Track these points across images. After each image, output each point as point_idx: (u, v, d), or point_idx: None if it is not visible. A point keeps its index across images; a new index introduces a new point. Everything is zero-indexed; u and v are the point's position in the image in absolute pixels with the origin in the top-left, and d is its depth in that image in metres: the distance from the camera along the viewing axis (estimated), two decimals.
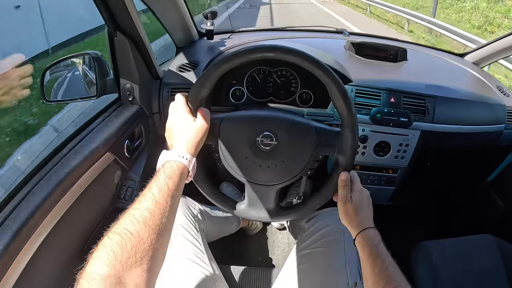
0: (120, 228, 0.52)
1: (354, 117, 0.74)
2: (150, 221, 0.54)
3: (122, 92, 1.11)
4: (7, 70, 0.72)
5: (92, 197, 0.92)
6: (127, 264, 0.48)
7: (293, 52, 0.74)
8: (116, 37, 1.02)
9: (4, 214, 0.69)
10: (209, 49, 1.39)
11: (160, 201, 0.57)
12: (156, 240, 0.53)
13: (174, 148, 0.68)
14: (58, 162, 0.84)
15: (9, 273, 0.65)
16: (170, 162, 0.65)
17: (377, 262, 0.64)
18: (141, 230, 0.52)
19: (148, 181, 0.62)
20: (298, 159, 0.77)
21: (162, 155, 0.67)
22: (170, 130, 0.72)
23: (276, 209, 0.80)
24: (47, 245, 0.75)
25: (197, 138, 0.70)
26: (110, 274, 0.46)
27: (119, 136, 1.00)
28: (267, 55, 0.74)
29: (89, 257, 0.48)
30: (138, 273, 0.49)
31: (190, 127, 0.71)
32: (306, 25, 1.67)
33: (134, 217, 0.54)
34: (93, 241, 0.91)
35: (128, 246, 0.49)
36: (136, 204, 0.56)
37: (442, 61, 1.52)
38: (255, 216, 0.81)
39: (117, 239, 0.50)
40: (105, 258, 0.47)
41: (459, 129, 1.20)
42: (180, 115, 0.72)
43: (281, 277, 0.93)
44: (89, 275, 0.45)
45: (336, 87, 0.73)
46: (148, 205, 0.56)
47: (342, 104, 0.74)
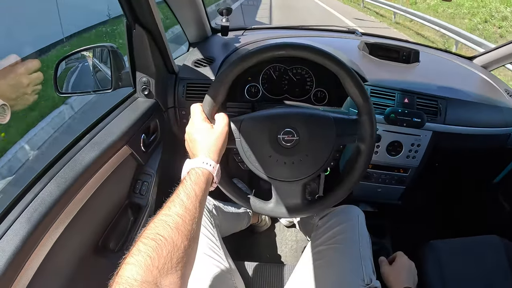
0: (153, 233, 0.51)
1: (370, 103, 0.76)
2: (182, 227, 0.54)
3: (138, 86, 1.11)
4: (15, 66, 0.72)
5: (108, 191, 0.92)
6: (163, 270, 0.48)
7: (303, 48, 0.75)
8: (135, 30, 1.01)
9: (21, 207, 0.69)
10: (224, 45, 1.39)
11: (190, 207, 0.58)
12: (188, 246, 0.54)
13: (197, 156, 0.68)
14: (75, 154, 0.83)
15: (27, 266, 0.65)
16: (195, 169, 0.65)
17: None
18: (174, 236, 0.52)
19: (166, 177, 0.62)
20: (321, 152, 0.78)
21: (186, 163, 0.68)
22: (190, 140, 0.73)
23: (303, 203, 0.82)
24: (64, 239, 0.75)
25: (218, 144, 0.71)
26: (148, 280, 0.46)
27: (135, 130, 1.00)
28: (277, 53, 0.75)
29: (122, 261, 0.48)
30: (174, 279, 0.49)
31: (209, 135, 0.71)
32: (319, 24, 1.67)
33: (166, 223, 0.53)
34: (108, 235, 0.93)
35: (164, 252, 0.49)
36: (165, 210, 0.56)
37: (452, 63, 1.53)
38: (284, 213, 0.82)
39: (152, 245, 0.49)
40: (142, 263, 0.47)
41: (470, 131, 1.21)
42: (198, 124, 0.73)
43: (296, 273, 0.94)
44: (126, 281, 0.45)
45: (349, 75, 0.75)
46: (178, 211, 0.56)
47: (356, 92, 0.75)
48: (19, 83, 0.73)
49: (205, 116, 0.74)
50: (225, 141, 0.73)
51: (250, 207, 0.83)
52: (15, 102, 0.72)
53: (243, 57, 0.75)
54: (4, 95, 0.70)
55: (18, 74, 0.72)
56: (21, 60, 0.74)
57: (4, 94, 0.70)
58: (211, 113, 0.75)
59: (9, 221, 0.66)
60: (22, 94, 0.73)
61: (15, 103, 0.72)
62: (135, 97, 1.12)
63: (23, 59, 0.74)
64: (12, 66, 0.72)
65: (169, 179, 1.15)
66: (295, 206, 0.82)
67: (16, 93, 0.72)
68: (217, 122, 0.74)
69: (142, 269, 0.46)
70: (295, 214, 0.84)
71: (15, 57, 0.73)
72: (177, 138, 1.25)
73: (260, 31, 1.64)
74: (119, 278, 0.45)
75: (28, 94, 0.74)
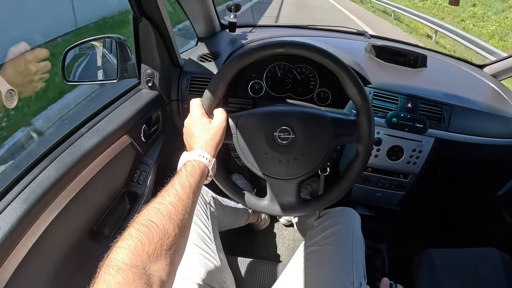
0: (146, 219, 0.52)
1: (369, 104, 0.76)
2: (174, 216, 0.55)
3: (142, 77, 1.12)
4: (28, 63, 0.74)
5: (105, 179, 0.94)
6: (153, 255, 0.49)
7: (302, 46, 0.75)
8: (141, 22, 1.03)
9: (20, 188, 0.71)
10: (231, 41, 1.40)
11: (183, 197, 0.59)
12: (179, 235, 0.54)
13: (194, 149, 0.69)
14: (75, 141, 0.85)
15: (21, 244, 0.67)
16: (191, 161, 0.66)
17: None
18: (166, 223, 0.53)
19: (164, 167, 0.63)
20: (317, 151, 0.78)
21: (183, 155, 0.69)
22: (188, 134, 0.74)
23: (298, 202, 0.82)
24: (59, 222, 0.76)
25: (215, 139, 0.71)
26: (137, 264, 0.46)
27: (136, 120, 1.02)
28: (277, 51, 0.76)
29: (113, 245, 0.49)
30: (162, 266, 0.49)
31: (207, 129, 0.72)
32: (328, 25, 1.67)
33: (158, 211, 0.54)
34: (104, 222, 0.94)
35: (155, 238, 0.50)
36: (159, 199, 0.57)
37: (461, 70, 1.51)
38: (278, 210, 0.82)
39: (144, 230, 0.50)
40: (132, 247, 0.48)
41: (473, 139, 1.19)
42: (196, 118, 0.74)
43: (287, 271, 0.94)
44: (115, 264, 0.45)
45: (348, 75, 0.75)
46: (172, 200, 0.57)
47: (355, 92, 0.75)
48: (27, 70, 0.75)
49: (204, 110, 0.75)
50: (222, 136, 0.74)
51: (244, 203, 0.84)
52: (22, 89, 0.75)
53: (243, 54, 0.75)
54: (12, 81, 0.71)
55: (27, 61, 0.74)
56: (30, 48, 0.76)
57: (12, 80, 0.72)
58: (210, 108, 0.76)
59: (7, 200, 0.68)
60: (30, 81, 0.76)
61: (22, 89, 0.75)
62: (139, 88, 1.14)
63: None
64: (21, 53, 0.74)
65: (167, 170, 1.15)
66: (289, 205, 0.82)
67: (24, 80, 0.75)
68: (215, 117, 0.75)
69: (132, 253, 0.47)
70: (289, 213, 0.84)
71: (25, 45, 0.76)
72: (178, 131, 1.24)
73: (268, 28, 1.65)
74: (109, 261, 0.46)
75: (36, 81, 0.77)
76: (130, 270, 0.45)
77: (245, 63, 0.76)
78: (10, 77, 0.72)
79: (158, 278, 0.48)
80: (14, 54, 0.74)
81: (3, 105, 0.70)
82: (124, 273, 0.44)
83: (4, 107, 0.71)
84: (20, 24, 3.43)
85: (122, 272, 0.44)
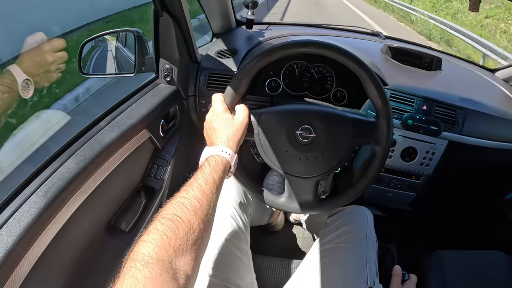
0: (171, 214, 0.52)
1: (389, 107, 0.77)
2: (199, 210, 0.55)
3: (160, 72, 1.12)
4: (45, 53, 0.74)
5: (124, 172, 0.94)
6: (179, 250, 0.49)
7: (327, 46, 0.76)
8: (162, 16, 1.03)
9: (39, 181, 0.71)
10: (248, 38, 1.40)
11: (207, 192, 0.59)
12: (203, 230, 0.55)
13: (216, 144, 0.70)
14: (95, 134, 0.85)
15: (41, 237, 0.67)
16: (214, 156, 0.67)
17: None
18: (191, 218, 0.53)
19: (181, 163, 0.63)
20: (336, 150, 0.78)
21: (205, 150, 0.69)
22: (210, 128, 0.74)
23: (315, 200, 0.83)
24: (78, 215, 0.77)
25: (237, 135, 0.72)
26: (163, 258, 0.46)
27: (155, 115, 1.02)
28: (301, 50, 0.76)
29: (138, 239, 0.49)
30: (188, 260, 0.50)
31: (229, 125, 0.72)
32: (343, 24, 1.67)
33: (184, 205, 0.54)
34: (120, 216, 0.95)
35: (181, 233, 0.50)
36: (183, 193, 0.57)
37: (474, 74, 1.51)
38: (295, 208, 0.83)
39: (170, 224, 0.50)
40: (159, 241, 0.48)
41: (486, 143, 1.19)
42: (219, 114, 0.74)
43: (302, 269, 0.95)
44: (142, 258, 0.45)
45: (370, 77, 0.75)
46: (196, 195, 0.57)
47: (376, 94, 0.76)
48: (44, 60, 0.75)
49: (226, 106, 0.76)
50: (244, 133, 0.75)
51: (262, 200, 0.84)
52: (38, 79, 0.75)
53: (268, 51, 0.76)
54: (29, 71, 0.72)
55: (44, 51, 0.75)
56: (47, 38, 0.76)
57: (29, 70, 0.72)
58: (232, 104, 0.76)
59: (26, 194, 0.68)
60: (46, 71, 0.76)
61: (38, 79, 0.75)
62: (156, 83, 1.14)
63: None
64: (38, 43, 0.75)
65: (184, 166, 1.16)
66: (306, 202, 0.83)
67: (40, 70, 0.75)
68: (237, 113, 0.75)
69: (159, 247, 0.47)
70: (305, 210, 0.85)
71: (42, 35, 0.76)
72: (195, 126, 1.27)
73: (285, 26, 1.65)
74: (135, 255, 0.46)
75: (52, 71, 0.77)
76: (157, 264, 0.45)
77: (268, 60, 0.76)
78: (27, 67, 0.72)
79: (184, 272, 0.48)
80: (31, 44, 0.74)
81: (19, 95, 0.71)
82: (151, 267, 0.45)
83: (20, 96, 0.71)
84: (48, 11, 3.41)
85: (149, 266, 0.45)
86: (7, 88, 0.68)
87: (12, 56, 1.86)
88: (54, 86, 2.82)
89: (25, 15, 3.11)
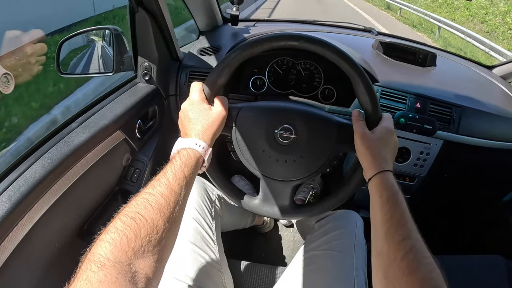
0: (134, 212, 0.48)
1: (379, 113, 0.71)
2: (165, 209, 0.51)
3: (139, 71, 1.09)
4: (24, 45, 0.71)
5: (97, 176, 0.90)
6: (139, 251, 0.45)
7: (319, 43, 0.70)
8: (138, 12, 0.99)
9: (4, 186, 0.68)
10: (233, 35, 1.36)
11: (175, 189, 0.55)
12: (169, 229, 0.51)
13: (190, 136, 0.65)
14: (65, 136, 0.82)
15: (3, 246, 0.64)
16: (186, 149, 0.62)
17: (395, 211, 0.56)
18: (155, 217, 0.49)
19: (160, 165, 0.60)
20: (318, 155, 0.73)
21: (177, 142, 0.65)
22: (185, 118, 0.69)
23: (291, 206, 0.78)
24: (46, 220, 0.74)
25: (213, 128, 0.67)
26: (121, 260, 0.43)
27: (131, 115, 0.98)
28: (291, 43, 0.71)
29: (97, 237, 0.45)
30: (149, 262, 0.46)
31: (206, 116, 0.68)
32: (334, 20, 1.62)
33: (148, 203, 0.50)
34: (94, 221, 0.90)
35: (142, 233, 0.46)
36: (149, 189, 0.53)
37: (470, 71, 1.46)
38: (269, 212, 0.79)
39: (131, 224, 0.47)
40: (118, 242, 0.44)
41: (483, 143, 1.14)
42: (196, 103, 0.69)
43: (286, 276, 0.90)
44: (98, 259, 0.42)
45: (362, 81, 0.70)
46: (163, 191, 0.53)
47: (367, 100, 0.70)
48: (23, 52, 0.71)
49: (204, 96, 0.71)
50: (221, 126, 0.70)
51: (239, 202, 0.80)
52: (18, 73, 0.71)
53: (254, 42, 0.71)
54: (8, 65, 0.68)
55: (22, 43, 0.71)
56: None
57: (8, 64, 0.68)
58: (211, 94, 0.72)
59: None
60: (26, 64, 0.72)
61: (18, 73, 0.71)
62: (135, 82, 1.10)
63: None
64: (17, 36, 0.71)
65: (163, 168, 1.12)
66: (281, 208, 0.79)
67: (19, 63, 0.71)
68: (215, 104, 0.71)
69: (117, 248, 0.44)
70: (280, 216, 0.80)
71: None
72: (175, 127, 1.22)
73: (272, 23, 1.61)
74: (92, 255, 0.43)
75: (32, 63, 0.73)
76: (114, 267, 0.42)
77: (252, 52, 0.71)
78: (5, 62, 0.68)
79: (144, 275, 0.45)
80: (9, 37, 0.71)
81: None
82: (107, 269, 0.41)
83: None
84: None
85: (105, 269, 0.41)
86: None
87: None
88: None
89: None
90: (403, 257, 0.50)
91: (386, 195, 0.59)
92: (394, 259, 0.51)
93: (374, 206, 0.60)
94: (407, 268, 0.49)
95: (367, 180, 0.65)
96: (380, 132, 0.68)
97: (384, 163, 0.64)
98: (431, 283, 0.47)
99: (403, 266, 0.49)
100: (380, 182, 0.62)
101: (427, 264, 0.49)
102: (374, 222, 0.59)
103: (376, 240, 0.56)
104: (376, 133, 0.68)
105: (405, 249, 0.51)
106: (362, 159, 0.68)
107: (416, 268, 0.48)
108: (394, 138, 0.70)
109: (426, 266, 0.48)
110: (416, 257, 0.50)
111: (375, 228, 0.58)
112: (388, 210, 0.57)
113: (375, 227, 0.58)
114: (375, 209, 0.59)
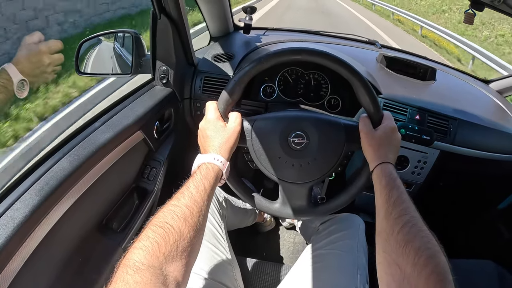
0: (162, 221, 0.54)
1: (381, 113, 0.78)
2: (189, 218, 0.57)
3: (157, 74, 1.13)
4: (42, 54, 0.75)
5: (118, 173, 0.94)
6: (169, 256, 0.50)
7: (319, 54, 0.77)
8: (160, 19, 1.03)
9: (33, 179, 0.71)
10: (245, 43, 1.41)
11: (198, 200, 0.60)
12: (194, 236, 0.56)
13: (208, 152, 0.71)
14: (89, 134, 0.85)
15: (32, 235, 0.67)
16: (206, 164, 0.68)
17: (393, 193, 0.64)
18: (181, 226, 0.55)
19: (174, 165, 0.64)
20: (329, 156, 0.80)
21: (197, 158, 0.70)
22: (203, 136, 0.75)
23: (309, 206, 0.84)
24: (70, 214, 0.77)
25: (230, 142, 0.73)
26: (154, 264, 0.48)
27: (150, 116, 1.02)
28: (294, 57, 0.77)
29: (131, 245, 0.50)
30: (178, 267, 0.51)
31: (222, 132, 0.74)
32: (340, 32, 1.68)
33: (174, 213, 0.56)
34: (112, 216, 0.95)
35: (171, 240, 0.52)
36: (174, 201, 0.59)
37: (468, 85, 1.53)
38: (289, 214, 0.84)
39: (160, 232, 0.52)
40: (150, 248, 0.50)
41: (477, 154, 1.21)
42: (212, 121, 0.75)
43: (292, 274, 0.95)
44: (133, 264, 0.47)
45: (362, 84, 0.76)
46: (187, 203, 0.59)
47: (368, 100, 0.77)
48: (40, 61, 0.75)
49: (219, 114, 0.77)
50: (237, 140, 0.76)
51: (255, 205, 0.85)
52: (34, 79, 0.75)
53: (260, 59, 0.77)
54: (25, 71, 0.72)
55: (41, 52, 0.75)
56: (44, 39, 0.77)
57: (25, 70, 0.72)
58: (225, 111, 0.78)
59: (19, 191, 0.68)
60: (42, 72, 0.76)
61: (34, 80, 0.75)
62: (152, 85, 1.14)
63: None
64: (36, 44, 0.75)
65: (177, 168, 1.17)
66: (300, 208, 0.84)
67: (36, 71, 0.75)
68: (230, 121, 0.77)
69: (149, 253, 0.49)
70: (299, 216, 0.86)
71: (39, 35, 0.76)
72: (189, 129, 1.27)
73: (282, 32, 1.66)
74: (127, 261, 0.48)
75: (48, 73, 0.77)
76: (148, 270, 0.47)
77: (261, 67, 0.78)
78: (23, 67, 0.72)
79: (174, 278, 0.50)
80: (28, 43, 0.75)
81: (14, 95, 0.71)
82: (142, 273, 0.46)
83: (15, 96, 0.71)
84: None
85: (140, 272, 0.46)
86: (2, 87, 0.69)
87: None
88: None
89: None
90: (399, 230, 0.56)
91: (385, 181, 0.67)
92: (392, 233, 0.57)
93: (376, 192, 0.68)
94: (403, 240, 0.55)
95: (371, 171, 0.73)
96: (383, 130, 0.76)
97: (385, 156, 0.73)
98: (427, 252, 0.52)
99: (400, 238, 0.55)
100: (380, 171, 0.70)
101: (423, 237, 0.55)
102: (377, 206, 0.66)
103: (378, 220, 0.63)
104: (380, 131, 0.76)
105: (401, 224, 0.57)
106: (367, 154, 0.76)
107: (411, 239, 0.54)
108: (396, 135, 0.77)
109: (422, 238, 0.54)
110: (412, 230, 0.56)
111: (378, 210, 0.65)
112: (387, 193, 0.64)
113: (378, 210, 0.65)
114: (377, 194, 0.67)
